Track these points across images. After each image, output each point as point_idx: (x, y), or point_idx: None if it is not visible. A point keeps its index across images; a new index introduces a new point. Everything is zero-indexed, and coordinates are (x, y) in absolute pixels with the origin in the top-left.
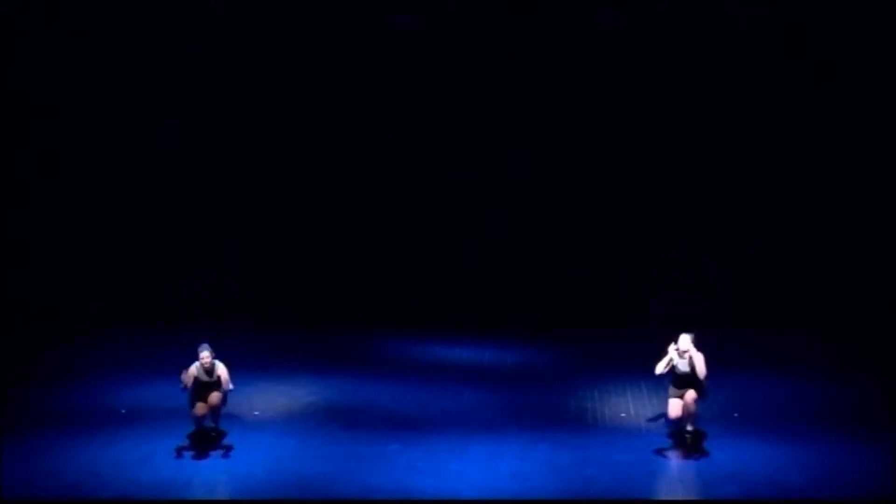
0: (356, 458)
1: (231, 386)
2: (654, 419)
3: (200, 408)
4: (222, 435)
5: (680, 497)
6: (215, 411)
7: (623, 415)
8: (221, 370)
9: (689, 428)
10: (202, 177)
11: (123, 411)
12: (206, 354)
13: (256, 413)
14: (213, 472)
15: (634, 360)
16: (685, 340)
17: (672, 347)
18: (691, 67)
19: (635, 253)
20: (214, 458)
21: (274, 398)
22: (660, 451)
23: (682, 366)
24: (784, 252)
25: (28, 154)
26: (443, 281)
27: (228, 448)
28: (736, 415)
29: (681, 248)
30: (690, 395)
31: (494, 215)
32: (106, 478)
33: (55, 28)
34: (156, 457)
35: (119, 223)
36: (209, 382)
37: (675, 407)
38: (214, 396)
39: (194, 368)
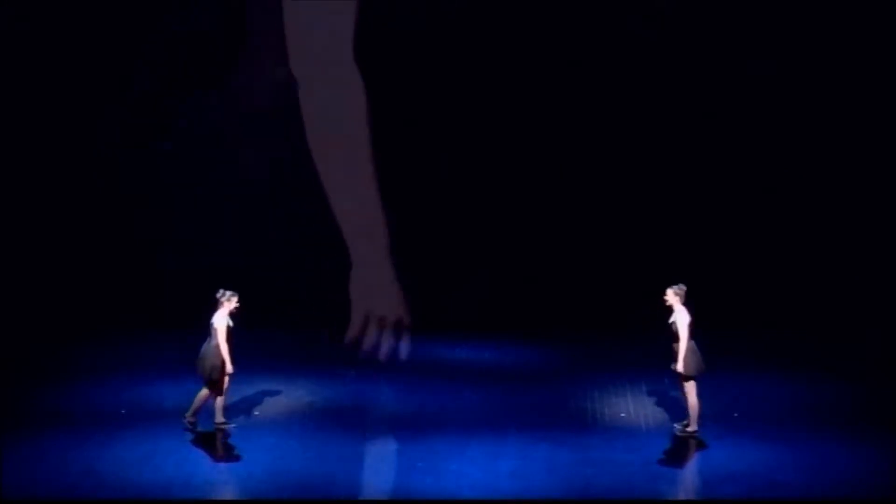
0: (356, 458)
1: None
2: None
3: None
4: (223, 434)
5: (680, 497)
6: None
7: (623, 415)
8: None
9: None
10: (202, 176)
11: (123, 411)
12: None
13: (256, 413)
14: (213, 472)
15: (634, 361)
16: (669, 293)
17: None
18: (691, 68)
19: (634, 252)
20: (214, 458)
21: (274, 398)
22: (661, 451)
23: (673, 316)
24: (783, 252)
25: (28, 154)
26: (443, 281)
27: (228, 448)
28: (736, 415)
29: (680, 247)
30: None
31: (494, 215)
32: (106, 478)
33: (56, 27)
34: (156, 457)
35: (119, 223)
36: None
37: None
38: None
39: (225, 320)
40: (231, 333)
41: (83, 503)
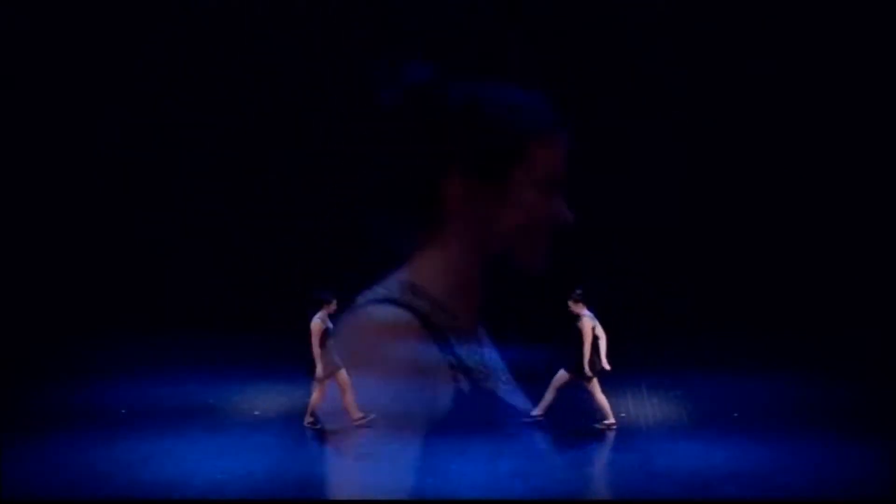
0: (356, 458)
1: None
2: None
3: None
4: (223, 435)
5: (680, 497)
6: None
7: (623, 415)
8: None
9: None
10: (203, 176)
11: (123, 411)
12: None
13: (256, 413)
14: (213, 472)
15: (634, 360)
16: (570, 302)
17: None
18: (690, 67)
19: (634, 253)
20: (214, 458)
21: (274, 398)
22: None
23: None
24: (783, 252)
25: (29, 154)
26: None
27: (228, 448)
28: (736, 415)
29: (678, 247)
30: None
31: None
32: (106, 478)
33: (57, 27)
34: (156, 457)
35: (119, 224)
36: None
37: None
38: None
39: (320, 321)
40: (327, 335)
41: (83, 503)
